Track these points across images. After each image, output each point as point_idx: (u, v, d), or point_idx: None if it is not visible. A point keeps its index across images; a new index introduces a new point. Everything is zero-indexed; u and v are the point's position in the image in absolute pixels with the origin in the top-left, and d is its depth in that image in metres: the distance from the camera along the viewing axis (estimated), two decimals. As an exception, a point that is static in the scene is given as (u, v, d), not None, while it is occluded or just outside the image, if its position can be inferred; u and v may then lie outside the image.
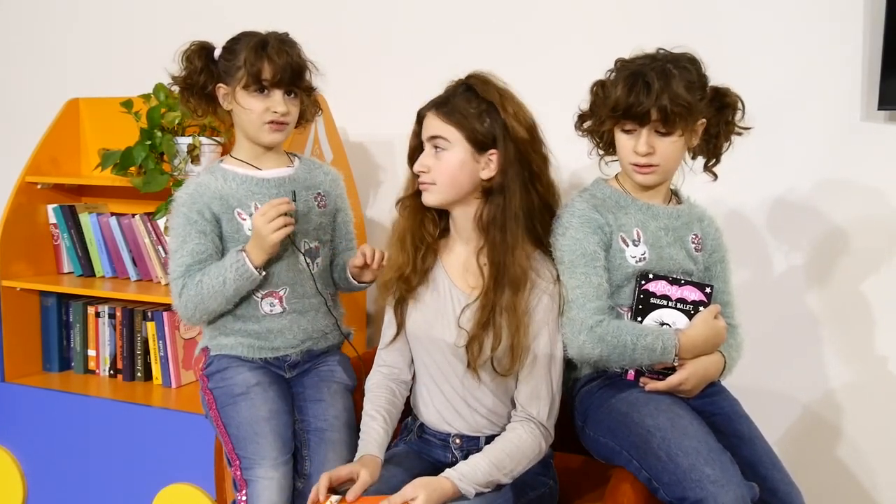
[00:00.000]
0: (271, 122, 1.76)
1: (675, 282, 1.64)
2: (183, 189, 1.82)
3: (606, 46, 1.72)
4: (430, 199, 1.63)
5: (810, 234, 2.20)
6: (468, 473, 1.52)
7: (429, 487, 1.48)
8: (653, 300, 1.63)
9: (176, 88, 1.84)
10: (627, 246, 1.66)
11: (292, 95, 1.78)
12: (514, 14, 2.42)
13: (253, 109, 1.75)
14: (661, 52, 1.63)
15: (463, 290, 1.65)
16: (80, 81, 2.94)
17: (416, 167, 1.63)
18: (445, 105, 1.61)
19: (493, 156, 1.60)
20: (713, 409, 1.66)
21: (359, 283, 1.88)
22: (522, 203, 1.60)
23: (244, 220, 1.79)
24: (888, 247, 2.13)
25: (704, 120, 1.64)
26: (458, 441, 1.68)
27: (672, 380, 1.60)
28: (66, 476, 2.37)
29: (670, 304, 1.63)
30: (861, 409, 2.19)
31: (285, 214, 1.71)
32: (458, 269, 1.67)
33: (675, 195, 1.75)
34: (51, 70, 3.07)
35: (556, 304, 1.63)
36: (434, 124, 1.61)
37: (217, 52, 1.79)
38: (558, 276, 1.64)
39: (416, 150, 1.67)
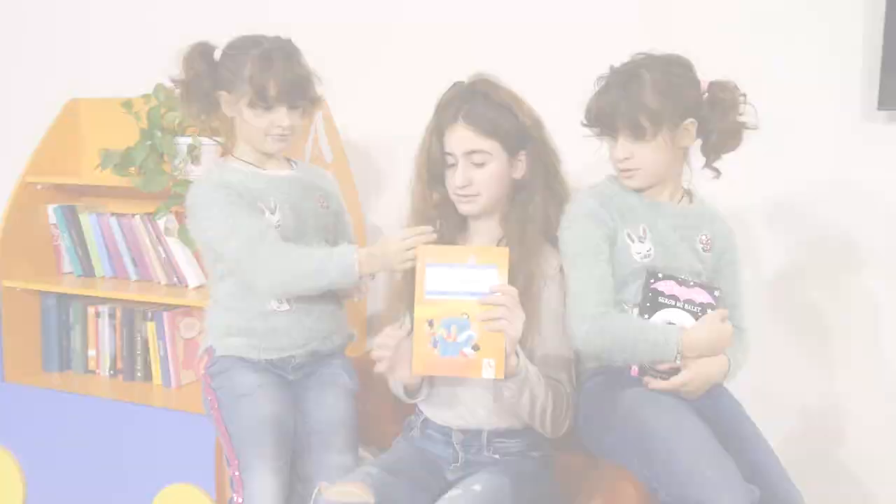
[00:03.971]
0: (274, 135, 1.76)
1: (683, 283, 1.63)
2: (203, 183, 1.79)
3: (603, 46, 1.71)
4: (474, 209, 1.67)
5: (810, 234, 2.20)
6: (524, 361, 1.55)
7: None
8: (661, 299, 1.62)
9: (178, 91, 1.81)
10: (633, 242, 1.66)
11: (297, 108, 1.77)
12: (514, 13, 2.42)
13: (257, 125, 1.74)
14: (640, 55, 1.62)
15: None
16: (80, 81, 2.94)
17: (461, 181, 1.64)
18: (478, 118, 1.62)
19: (521, 156, 1.66)
20: (715, 410, 1.65)
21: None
22: (542, 197, 1.67)
23: (263, 212, 1.78)
24: (888, 247, 2.13)
25: (694, 119, 1.62)
26: (459, 435, 1.69)
27: (675, 380, 1.59)
28: (66, 476, 2.37)
29: (678, 304, 1.62)
30: (863, 411, 2.18)
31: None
32: None
33: (687, 194, 1.74)
34: (51, 70, 3.07)
35: (562, 292, 1.66)
36: (469, 138, 1.63)
37: (217, 53, 1.77)
38: (562, 267, 1.66)
39: (437, 165, 1.68)
